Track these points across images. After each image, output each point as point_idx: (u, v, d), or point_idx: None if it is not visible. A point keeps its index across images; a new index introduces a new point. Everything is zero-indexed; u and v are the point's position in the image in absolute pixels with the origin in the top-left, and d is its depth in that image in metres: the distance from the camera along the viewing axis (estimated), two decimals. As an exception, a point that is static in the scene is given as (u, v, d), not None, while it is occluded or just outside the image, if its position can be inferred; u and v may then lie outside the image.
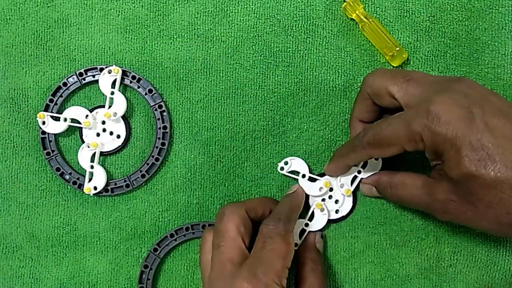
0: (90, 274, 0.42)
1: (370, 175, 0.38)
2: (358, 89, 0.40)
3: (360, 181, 0.39)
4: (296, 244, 0.39)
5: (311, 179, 0.40)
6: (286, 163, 0.40)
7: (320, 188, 0.39)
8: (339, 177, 0.40)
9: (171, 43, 0.41)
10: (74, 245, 0.42)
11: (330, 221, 0.40)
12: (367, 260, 0.41)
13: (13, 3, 0.42)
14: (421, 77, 0.33)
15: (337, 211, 0.40)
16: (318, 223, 0.40)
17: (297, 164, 0.40)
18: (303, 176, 0.40)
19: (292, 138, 0.41)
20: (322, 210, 0.39)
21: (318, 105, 0.41)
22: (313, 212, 0.40)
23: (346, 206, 0.40)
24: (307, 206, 0.40)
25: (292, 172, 0.40)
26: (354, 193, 0.40)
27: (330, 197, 0.40)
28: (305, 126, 0.41)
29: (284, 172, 0.40)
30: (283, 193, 0.41)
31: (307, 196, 0.40)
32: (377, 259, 0.41)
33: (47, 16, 0.41)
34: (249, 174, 0.41)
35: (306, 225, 0.40)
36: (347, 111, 0.41)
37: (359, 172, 0.39)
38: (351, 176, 0.39)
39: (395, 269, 0.41)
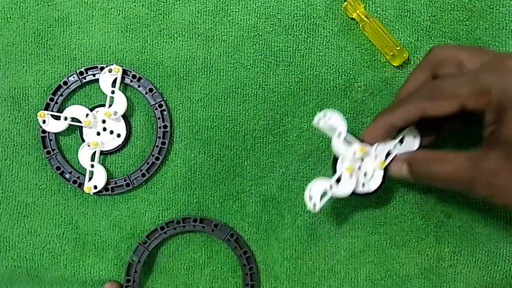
0: (90, 273, 0.42)
1: (405, 153, 0.35)
2: (359, 88, 0.41)
3: (394, 158, 0.36)
4: (315, 205, 0.35)
5: (347, 141, 0.36)
6: (324, 114, 0.35)
7: (354, 153, 0.35)
8: (374, 146, 0.35)
9: (171, 42, 0.41)
10: (73, 244, 0.42)
11: (354, 194, 0.36)
12: (367, 260, 0.41)
13: (14, 2, 0.42)
14: (491, 50, 0.32)
15: (363, 185, 0.36)
16: (344, 188, 0.36)
17: (336, 119, 0.35)
18: (339, 134, 0.35)
19: (293, 138, 0.41)
20: (351, 175, 0.36)
21: (319, 104, 0.41)
22: (340, 176, 0.36)
23: (374, 181, 0.36)
24: (334, 170, 0.37)
25: (329, 127, 0.35)
26: (385, 171, 0.36)
27: (359, 168, 0.36)
28: (306, 126, 0.41)
29: (320, 125, 0.35)
30: (283, 193, 0.41)
31: (336, 159, 0.36)
32: (377, 259, 0.41)
33: (47, 15, 0.42)
34: (249, 173, 0.41)
35: (331, 187, 0.36)
36: (347, 111, 0.41)
37: (395, 146, 0.36)
38: (387, 149, 0.36)
39: (395, 269, 0.41)
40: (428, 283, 0.41)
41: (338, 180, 0.36)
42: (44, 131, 0.41)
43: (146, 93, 0.41)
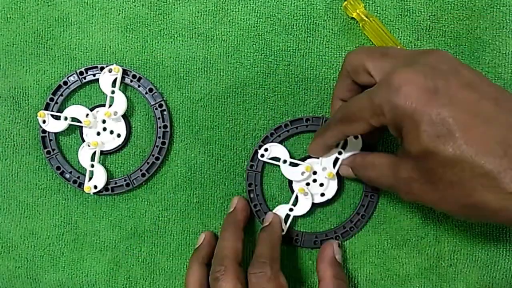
0: (89, 274, 0.42)
1: (349, 156, 0.38)
2: (359, 88, 0.41)
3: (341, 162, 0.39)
4: (282, 230, 0.39)
5: (293, 164, 0.40)
6: (266, 149, 0.40)
7: (303, 173, 0.39)
8: (321, 160, 0.39)
9: (171, 42, 0.41)
10: (73, 244, 0.42)
11: (316, 205, 0.40)
12: (368, 260, 0.41)
13: (14, 1, 0.42)
14: (396, 52, 0.32)
15: (322, 195, 0.40)
16: (302, 207, 0.40)
17: (277, 150, 0.40)
18: (284, 161, 0.40)
19: (293, 138, 0.41)
20: (305, 194, 0.39)
21: (319, 104, 0.41)
22: (297, 197, 0.40)
23: (331, 189, 0.40)
24: (291, 190, 0.40)
25: (273, 158, 0.40)
26: (339, 175, 0.39)
27: (314, 180, 0.40)
28: (306, 125, 0.41)
29: (264, 159, 0.40)
30: (283, 192, 0.41)
31: (291, 181, 0.40)
32: (377, 259, 0.41)
33: (47, 15, 0.42)
34: None
35: (291, 210, 0.40)
36: (347, 110, 0.41)
37: (339, 153, 0.39)
38: (332, 158, 0.39)
39: (395, 269, 0.41)
40: (428, 283, 0.41)
41: (296, 200, 0.40)
42: (44, 131, 0.41)
43: (146, 93, 0.41)
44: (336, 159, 0.39)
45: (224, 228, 0.38)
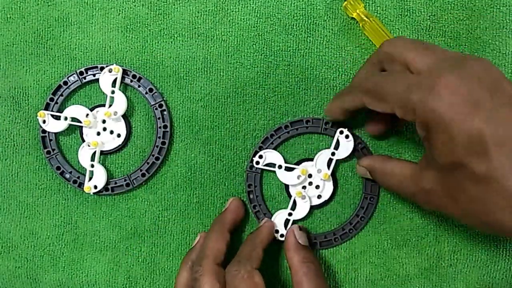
0: (89, 274, 0.42)
1: (364, 159, 0.37)
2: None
3: (336, 163, 0.40)
4: (282, 235, 0.40)
5: (288, 169, 0.40)
6: (260, 156, 0.40)
7: (298, 176, 0.39)
8: (315, 162, 0.40)
9: (171, 42, 0.41)
10: (73, 244, 0.42)
11: (314, 208, 0.40)
12: (368, 261, 0.41)
13: (14, 1, 0.42)
14: (440, 51, 0.30)
15: (319, 197, 0.40)
16: (301, 211, 0.40)
17: (272, 156, 0.40)
18: (279, 167, 0.40)
19: (293, 139, 0.41)
20: (303, 198, 0.40)
21: (319, 104, 0.41)
22: (295, 201, 0.40)
23: (327, 190, 0.40)
24: (288, 195, 0.41)
25: (268, 164, 0.40)
26: (334, 176, 0.40)
27: (310, 183, 0.40)
28: (306, 125, 0.41)
29: (260, 166, 0.40)
30: (283, 193, 0.41)
31: (287, 186, 0.40)
32: (377, 259, 0.41)
33: (47, 15, 0.42)
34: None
35: (290, 214, 0.40)
36: (347, 111, 0.41)
37: (333, 154, 0.39)
38: (326, 159, 0.39)
39: (395, 269, 0.41)
40: (428, 283, 0.41)
41: (294, 204, 0.40)
42: (44, 131, 0.41)
43: (146, 93, 0.41)
44: (330, 160, 0.39)
45: (210, 228, 0.38)
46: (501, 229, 0.28)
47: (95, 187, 0.41)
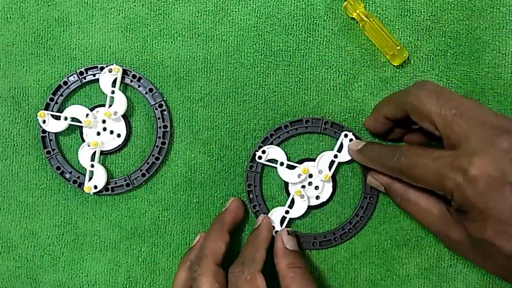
0: (89, 274, 0.42)
1: (379, 176, 0.37)
2: (359, 88, 0.40)
3: (337, 166, 0.40)
4: (277, 232, 0.39)
5: (289, 167, 0.40)
6: (264, 151, 0.40)
7: (299, 175, 0.40)
8: (317, 163, 0.40)
9: (171, 42, 0.41)
10: (73, 244, 0.42)
11: (311, 208, 0.40)
12: (368, 261, 0.41)
13: (14, 1, 0.42)
14: (469, 113, 0.30)
15: (317, 197, 0.40)
16: (298, 210, 0.40)
17: (275, 152, 0.40)
18: (281, 164, 0.40)
19: (293, 138, 0.41)
20: (302, 196, 0.40)
21: (319, 104, 0.41)
22: (293, 199, 0.40)
23: (326, 191, 0.40)
24: (287, 193, 0.41)
25: (270, 160, 0.40)
26: (334, 179, 0.40)
27: (310, 183, 0.40)
28: (306, 126, 0.41)
29: (262, 161, 0.40)
30: (283, 193, 0.41)
31: (286, 183, 0.40)
32: (377, 259, 0.41)
33: (47, 15, 0.42)
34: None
35: (287, 212, 0.40)
36: (347, 110, 0.41)
37: (335, 156, 0.39)
38: (328, 161, 0.40)
39: (395, 269, 0.41)
40: (428, 283, 0.41)
41: (292, 202, 0.40)
42: (44, 131, 0.41)
43: (146, 93, 0.41)
44: (332, 162, 0.39)
45: (210, 228, 0.38)
46: None
47: (95, 187, 0.41)
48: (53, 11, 0.42)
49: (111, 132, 0.41)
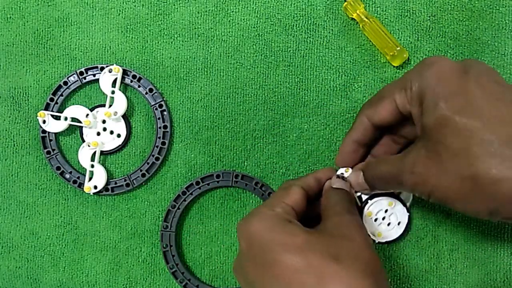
0: (89, 274, 0.42)
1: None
2: (359, 88, 0.41)
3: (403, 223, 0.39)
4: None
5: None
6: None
7: (386, 210, 0.39)
8: (394, 206, 0.38)
9: (171, 42, 0.41)
10: (74, 244, 0.42)
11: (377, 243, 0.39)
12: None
13: (14, 2, 0.42)
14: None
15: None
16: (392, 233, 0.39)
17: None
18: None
19: (292, 138, 0.41)
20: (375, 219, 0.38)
21: (319, 104, 0.41)
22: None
23: (394, 230, 0.39)
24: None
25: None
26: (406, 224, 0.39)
27: (383, 218, 0.39)
28: (305, 126, 0.41)
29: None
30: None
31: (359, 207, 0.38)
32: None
33: (47, 15, 0.42)
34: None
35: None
36: (347, 111, 0.41)
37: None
38: (405, 212, 0.39)
39: (395, 270, 0.41)
40: (428, 284, 0.41)
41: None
42: (44, 131, 0.41)
43: (146, 93, 0.41)
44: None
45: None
46: (485, 180, 0.28)
47: (95, 187, 0.41)
48: (53, 11, 0.42)
49: (111, 132, 0.41)
